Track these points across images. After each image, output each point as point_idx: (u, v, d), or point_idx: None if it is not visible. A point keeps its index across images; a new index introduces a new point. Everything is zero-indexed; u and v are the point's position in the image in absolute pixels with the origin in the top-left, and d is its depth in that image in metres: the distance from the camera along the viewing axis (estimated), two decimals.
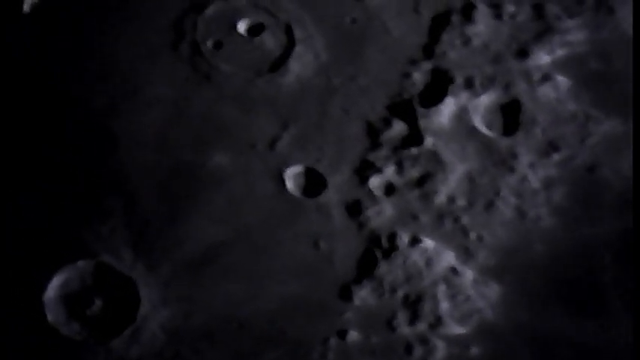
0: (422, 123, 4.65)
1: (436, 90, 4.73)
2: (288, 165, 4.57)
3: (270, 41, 4.87)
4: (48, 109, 4.61)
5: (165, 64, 4.79)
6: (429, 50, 4.85)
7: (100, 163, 4.55)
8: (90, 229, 4.40)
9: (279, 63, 4.81)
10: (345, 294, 4.30)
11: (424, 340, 4.18)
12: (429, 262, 4.36)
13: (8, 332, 4.16)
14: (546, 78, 4.72)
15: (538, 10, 4.79)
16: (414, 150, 4.61)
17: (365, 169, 4.57)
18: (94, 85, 4.72)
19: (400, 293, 4.30)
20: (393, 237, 4.41)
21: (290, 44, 4.84)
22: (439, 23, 4.91)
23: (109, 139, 4.60)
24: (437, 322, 4.23)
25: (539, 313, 4.22)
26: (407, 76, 4.79)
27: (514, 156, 4.58)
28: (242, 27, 4.89)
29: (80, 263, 4.33)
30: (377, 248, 4.38)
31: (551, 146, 4.56)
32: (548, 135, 4.57)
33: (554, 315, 4.20)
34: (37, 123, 4.59)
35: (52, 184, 4.46)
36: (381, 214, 4.47)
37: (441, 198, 4.51)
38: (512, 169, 4.55)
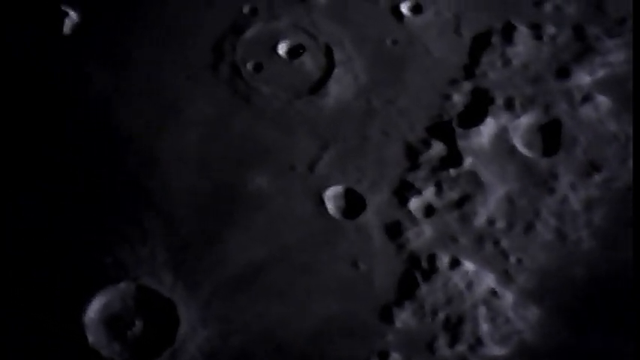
0: (461, 144, 4.69)
1: (476, 111, 4.78)
2: (327, 186, 4.63)
3: (310, 63, 4.95)
4: (90, 131, 4.73)
5: (206, 86, 4.89)
6: (469, 71, 4.92)
7: (140, 184, 4.63)
8: (130, 251, 4.46)
9: (318, 85, 4.89)
10: (386, 315, 4.32)
11: None
12: (469, 285, 4.38)
13: (50, 354, 4.20)
14: (587, 98, 4.73)
15: (578, 31, 4.85)
16: (453, 171, 4.64)
17: (404, 191, 4.62)
18: (135, 106, 4.82)
19: (441, 315, 4.32)
20: (432, 259, 4.44)
21: (330, 66, 4.92)
22: (480, 44, 4.99)
23: (150, 161, 4.67)
24: (477, 343, 4.24)
25: (579, 335, 4.22)
26: (447, 97, 4.85)
27: (554, 177, 4.60)
28: (282, 49, 4.98)
29: (121, 285, 4.39)
30: (417, 270, 4.39)
31: (592, 167, 4.55)
32: (588, 155, 4.59)
33: (593, 337, 4.20)
34: (78, 145, 4.70)
35: (92, 205, 4.55)
36: (421, 235, 4.51)
37: (480, 220, 4.54)
38: (552, 191, 4.57)
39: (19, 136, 4.68)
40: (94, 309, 4.36)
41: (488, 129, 4.75)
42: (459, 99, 4.85)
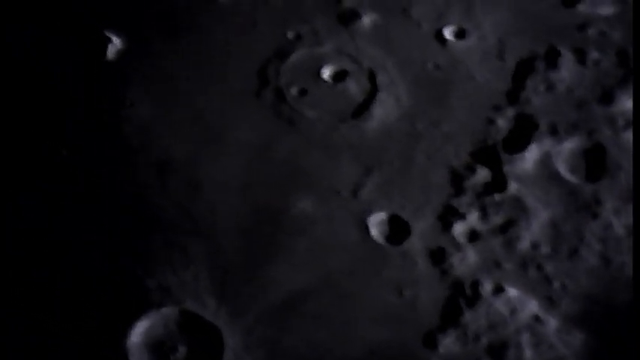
0: (506, 169, 4.76)
1: (520, 136, 4.84)
2: (371, 212, 4.70)
3: (354, 87, 5.05)
4: (134, 155, 4.87)
5: (250, 111, 5.00)
6: (513, 96, 5.00)
7: (184, 208, 4.73)
8: (174, 275, 4.54)
9: (362, 109, 4.99)
10: (430, 341, 4.37)
11: None
12: (512, 310, 4.42)
13: None
14: (630, 123, 4.78)
15: (622, 56, 4.95)
16: (497, 196, 4.71)
17: (449, 216, 4.68)
18: (178, 132, 4.93)
19: (484, 341, 4.37)
20: (476, 285, 4.50)
21: (373, 90, 5.02)
22: (523, 69, 5.06)
23: (193, 185, 4.78)
24: None
25: None
26: (491, 122, 4.94)
27: (598, 202, 4.65)
28: (326, 73, 5.10)
29: (164, 309, 4.45)
30: (461, 296, 4.45)
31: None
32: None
33: None
34: (122, 170, 4.82)
35: (136, 229, 4.64)
36: (465, 261, 4.58)
37: (524, 245, 4.60)
38: (596, 216, 4.63)
39: (64, 162, 4.80)
40: (136, 333, 4.42)
41: (532, 154, 4.82)
42: (502, 124, 4.93)
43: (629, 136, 4.78)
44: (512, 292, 4.49)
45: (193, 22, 5.32)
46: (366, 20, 5.32)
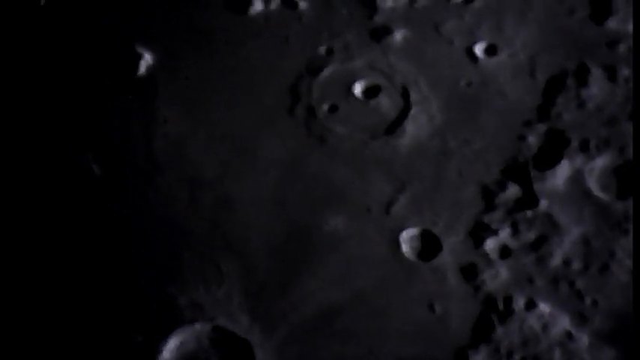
0: (537, 186, 4.83)
1: (551, 153, 4.92)
2: (403, 228, 4.78)
3: (386, 103, 5.15)
4: (165, 171, 4.99)
5: (281, 127, 5.09)
6: (543, 113, 5.08)
7: (216, 225, 4.82)
8: (206, 292, 4.64)
9: (394, 125, 5.08)
10: (461, 358, 4.43)
11: None
12: (544, 327, 4.49)
13: None
14: None
15: None
16: (529, 213, 4.78)
17: (480, 232, 4.77)
18: (210, 148, 5.04)
19: (516, 357, 4.43)
20: (508, 300, 4.56)
21: (406, 106, 5.10)
22: (554, 86, 5.14)
23: (225, 202, 4.88)
24: None
25: None
26: (522, 138, 5.01)
27: (629, 219, 4.71)
28: (358, 89, 5.17)
29: (197, 326, 4.54)
30: (493, 312, 4.52)
31: None
32: None
33: None
34: (153, 185, 4.95)
35: (168, 245, 4.75)
36: (497, 277, 4.65)
37: (556, 261, 4.67)
38: (627, 232, 4.68)
39: (95, 178, 4.93)
40: (169, 349, 4.51)
41: (563, 171, 4.90)
42: (533, 141, 5.00)
43: None
44: (544, 307, 4.53)
45: (225, 37, 5.41)
46: (398, 36, 5.39)
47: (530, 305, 4.60)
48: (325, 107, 5.16)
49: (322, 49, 5.39)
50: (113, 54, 5.32)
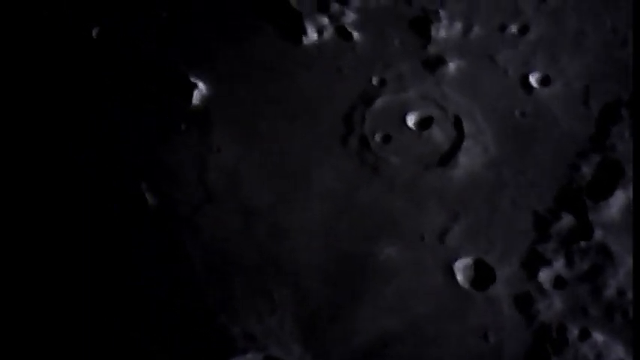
0: (591, 216, 4.97)
1: (605, 183, 5.06)
2: (457, 257, 4.96)
3: (439, 134, 5.31)
4: (218, 201, 5.26)
5: (335, 157, 5.28)
6: (597, 142, 5.21)
7: (269, 254, 5.04)
8: (259, 321, 4.84)
9: (448, 156, 5.23)
10: None
11: None
12: (598, 356, 4.64)
13: None
14: None
15: None
16: (583, 243, 4.93)
17: (534, 262, 4.93)
18: (264, 177, 5.26)
19: None
20: (562, 330, 4.70)
21: (459, 137, 5.27)
22: (608, 116, 5.27)
23: (279, 231, 5.07)
24: None
25: None
26: (576, 168, 5.15)
27: None
28: (411, 120, 5.35)
29: (249, 355, 4.73)
30: (547, 341, 4.68)
31: None
32: None
33: None
34: (207, 215, 5.21)
35: (220, 274, 4.99)
36: (551, 307, 4.79)
37: (610, 291, 4.81)
38: None
39: (151, 208, 5.18)
40: None
41: (617, 201, 5.03)
42: (587, 171, 5.14)
43: None
44: (598, 337, 4.71)
45: (278, 66, 5.57)
46: (452, 66, 5.52)
47: (585, 335, 4.73)
48: (378, 137, 5.31)
49: (375, 80, 5.53)
50: (168, 84, 5.51)
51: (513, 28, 5.62)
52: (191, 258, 5.05)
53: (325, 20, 5.66)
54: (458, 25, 5.63)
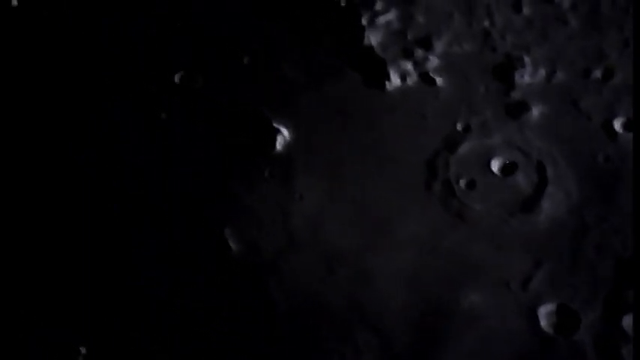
0: None
1: None
2: (541, 303, 5.19)
3: (523, 180, 5.56)
4: (301, 246, 5.55)
5: (418, 203, 5.55)
6: None
7: (352, 299, 5.34)
8: None
9: (531, 202, 5.46)
10: None
11: None
12: None
13: None
14: None
15: None
16: None
17: (618, 308, 5.13)
18: (346, 222, 5.56)
19: None
20: None
21: (543, 183, 5.51)
22: None
23: (362, 276, 5.38)
24: None
25: None
26: None
27: None
28: (495, 166, 5.58)
29: None
30: None
31: None
32: None
33: None
34: (287, 258, 5.54)
35: (303, 318, 5.31)
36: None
37: None
38: None
39: (232, 258, 5.53)
40: None
41: None
42: None
43: None
44: None
45: (361, 111, 5.86)
46: (535, 112, 5.76)
47: None
48: (462, 183, 5.56)
49: (460, 125, 5.79)
50: (251, 130, 5.82)
51: (597, 73, 5.78)
52: (275, 304, 5.35)
53: (409, 66, 5.91)
54: (542, 71, 5.83)
